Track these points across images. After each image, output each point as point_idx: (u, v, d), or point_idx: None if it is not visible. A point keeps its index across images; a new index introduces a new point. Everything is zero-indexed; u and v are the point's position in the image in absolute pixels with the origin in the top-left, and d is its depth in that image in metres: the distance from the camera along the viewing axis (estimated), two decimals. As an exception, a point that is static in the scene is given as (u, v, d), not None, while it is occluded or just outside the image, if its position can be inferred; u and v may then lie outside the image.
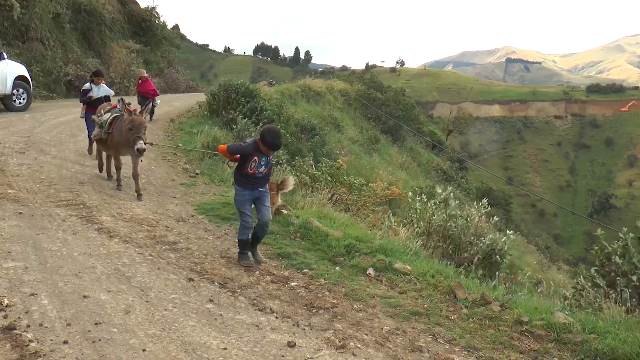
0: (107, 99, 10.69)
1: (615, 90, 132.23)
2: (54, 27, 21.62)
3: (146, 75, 16.56)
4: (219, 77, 26.33)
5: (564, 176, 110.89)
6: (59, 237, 5.90)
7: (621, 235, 5.96)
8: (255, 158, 5.56)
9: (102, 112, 8.98)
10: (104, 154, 9.40)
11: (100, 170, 9.52)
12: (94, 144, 10.38)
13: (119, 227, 6.52)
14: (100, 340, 3.77)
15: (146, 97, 15.06)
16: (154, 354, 3.69)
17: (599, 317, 4.94)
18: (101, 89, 10.79)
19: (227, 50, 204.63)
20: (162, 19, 33.22)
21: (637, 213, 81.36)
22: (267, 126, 5.78)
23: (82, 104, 10.85)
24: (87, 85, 10.83)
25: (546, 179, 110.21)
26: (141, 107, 8.55)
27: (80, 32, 23.97)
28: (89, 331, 3.88)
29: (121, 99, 8.25)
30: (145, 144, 7.84)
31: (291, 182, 7.44)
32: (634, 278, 5.46)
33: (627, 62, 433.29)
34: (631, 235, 5.85)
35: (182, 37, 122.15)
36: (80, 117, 11.05)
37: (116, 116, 8.50)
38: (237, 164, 5.75)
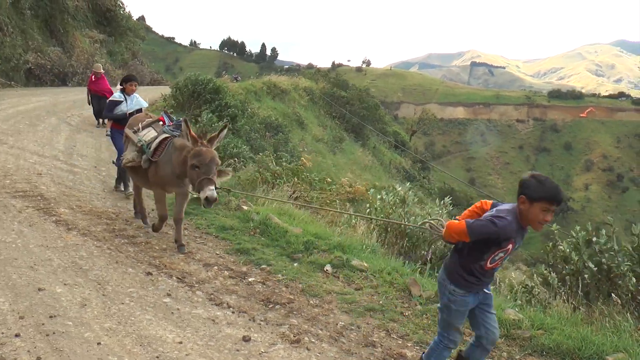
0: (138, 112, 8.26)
1: (574, 96, 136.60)
2: (14, 13, 21.00)
3: (102, 71, 14.23)
4: (185, 71, 26.12)
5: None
6: (14, 228, 5.80)
7: (573, 234, 6.20)
8: (510, 245, 3.22)
9: (140, 125, 6.40)
10: (146, 191, 6.94)
11: (144, 218, 6.85)
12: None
13: (77, 220, 6.45)
14: (54, 333, 3.76)
15: (99, 97, 13.34)
16: (108, 347, 3.69)
17: (547, 313, 5.16)
18: (135, 101, 8.32)
19: (193, 44, 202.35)
20: (127, 10, 32.78)
21: (593, 215, 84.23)
22: (533, 174, 3.20)
23: (108, 119, 8.45)
24: (116, 95, 8.28)
25: (507, 181, 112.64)
26: (215, 133, 5.62)
27: (41, 20, 23.35)
28: (43, 324, 3.85)
29: (184, 119, 5.48)
30: (217, 189, 5.26)
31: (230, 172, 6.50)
32: (586, 275, 5.69)
33: (586, 70, 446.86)
34: (583, 233, 6.09)
35: (148, 28, 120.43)
36: (107, 134, 8.50)
37: (165, 138, 5.98)
38: (454, 245, 3.47)
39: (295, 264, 5.96)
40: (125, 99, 8.18)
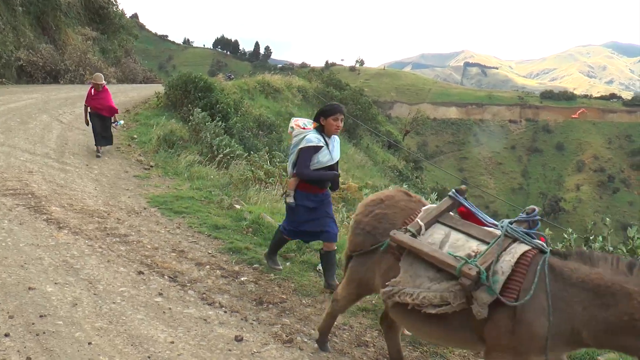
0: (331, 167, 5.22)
1: (567, 97, 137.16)
2: (5, 9, 20.80)
3: (103, 82, 10.86)
4: (178, 69, 25.92)
5: (517, 179, 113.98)
6: (4, 227, 5.76)
7: (565, 236, 6.22)
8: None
9: (420, 222, 3.32)
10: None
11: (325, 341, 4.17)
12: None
13: (68, 218, 6.41)
14: (44, 333, 3.73)
15: (100, 116, 10.56)
16: (99, 347, 3.67)
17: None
18: (336, 148, 5.29)
19: (187, 42, 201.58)
20: (120, 7, 32.58)
21: (584, 216, 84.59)
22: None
23: (297, 177, 5.18)
24: (313, 138, 5.06)
25: (500, 181, 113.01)
26: None
27: (33, 16, 23.13)
28: (33, 324, 3.82)
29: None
30: None
31: None
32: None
33: (578, 71, 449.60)
34: (574, 235, 6.12)
35: (141, 26, 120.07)
36: (287, 201, 5.27)
37: (526, 253, 2.90)
38: None
39: (288, 263, 5.95)
40: (326, 144, 5.14)
